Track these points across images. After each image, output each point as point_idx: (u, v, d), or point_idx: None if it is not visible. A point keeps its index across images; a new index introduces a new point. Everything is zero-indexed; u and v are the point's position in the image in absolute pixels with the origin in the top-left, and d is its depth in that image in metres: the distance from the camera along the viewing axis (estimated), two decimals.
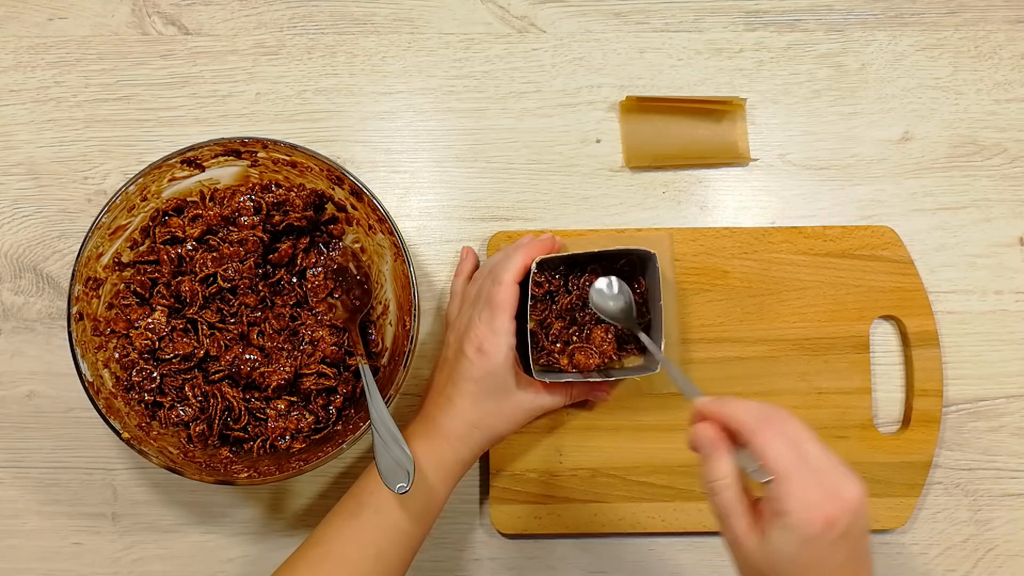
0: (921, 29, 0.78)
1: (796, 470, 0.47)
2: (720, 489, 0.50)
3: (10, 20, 0.77)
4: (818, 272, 0.73)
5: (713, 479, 0.51)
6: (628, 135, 0.76)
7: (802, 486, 0.47)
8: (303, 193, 0.68)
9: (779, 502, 0.47)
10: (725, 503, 0.50)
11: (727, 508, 0.50)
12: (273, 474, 0.62)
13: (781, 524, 0.47)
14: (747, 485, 0.51)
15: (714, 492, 0.51)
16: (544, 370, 0.68)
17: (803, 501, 0.47)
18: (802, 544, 0.46)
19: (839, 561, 0.47)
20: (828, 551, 0.47)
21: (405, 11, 0.78)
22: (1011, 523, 0.74)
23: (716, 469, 0.51)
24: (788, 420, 0.50)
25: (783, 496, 0.47)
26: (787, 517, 0.47)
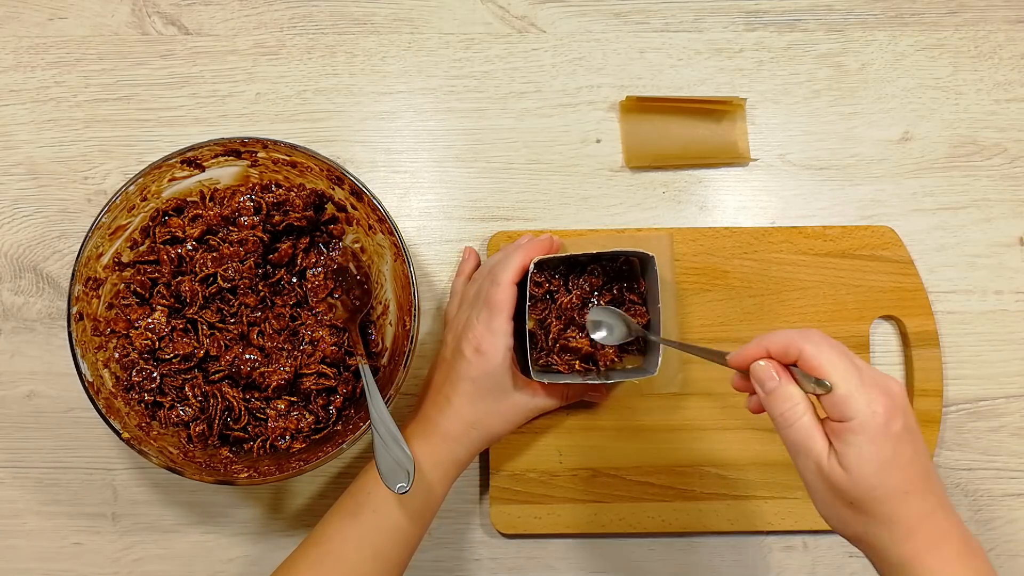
0: (921, 29, 0.78)
1: (851, 375, 0.49)
2: (798, 414, 0.50)
3: (10, 20, 0.77)
4: (818, 272, 0.73)
5: (787, 406, 0.50)
6: (628, 135, 0.76)
7: (860, 388, 0.48)
8: (303, 193, 0.68)
9: (844, 408, 0.48)
10: (804, 427, 0.50)
11: (806, 431, 0.50)
12: (273, 474, 0.62)
13: (850, 429, 0.48)
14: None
15: (790, 421, 0.50)
16: (542, 371, 0.68)
17: (864, 400, 0.48)
18: (873, 442, 0.48)
19: (909, 456, 0.49)
20: (897, 445, 0.48)
21: (405, 11, 0.78)
22: (1011, 523, 0.74)
23: (788, 395, 0.50)
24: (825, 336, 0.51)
25: (846, 401, 0.48)
26: (854, 420, 0.48)
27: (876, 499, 0.49)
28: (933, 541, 0.50)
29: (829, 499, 0.51)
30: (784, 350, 0.51)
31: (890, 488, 0.49)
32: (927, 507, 0.50)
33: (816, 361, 0.49)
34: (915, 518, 0.49)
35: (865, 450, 0.48)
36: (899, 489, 0.49)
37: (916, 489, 0.49)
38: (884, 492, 0.49)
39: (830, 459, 0.49)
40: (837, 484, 0.49)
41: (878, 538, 0.50)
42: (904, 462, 0.49)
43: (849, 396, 0.48)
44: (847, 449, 0.49)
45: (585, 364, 0.68)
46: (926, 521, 0.50)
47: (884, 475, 0.48)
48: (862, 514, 0.50)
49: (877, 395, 0.49)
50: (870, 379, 0.49)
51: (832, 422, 0.49)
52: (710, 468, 0.72)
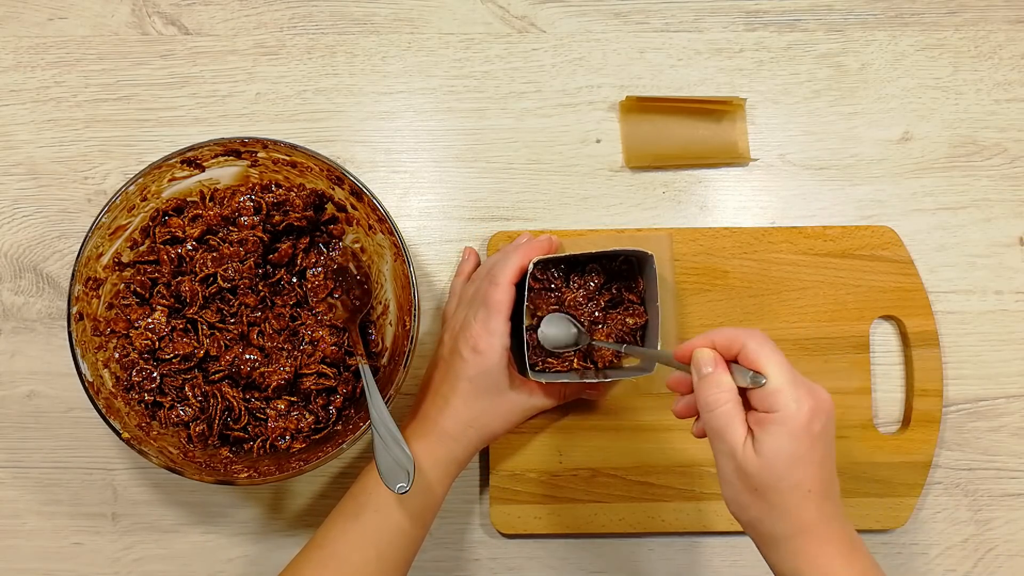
0: (921, 29, 0.78)
1: (785, 372, 0.52)
2: (723, 401, 0.53)
3: (10, 20, 0.77)
4: (818, 272, 0.73)
5: (716, 391, 0.53)
6: (628, 135, 0.76)
7: (791, 385, 0.51)
8: (303, 193, 0.68)
9: (772, 399, 0.51)
10: (727, 413, 0.52)
11: (727, 418, 0.52)
12: (273, 474, 0.62)
13: (772, 420, 0.51)
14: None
15: (715, 405, 0.53)
16: (539, 370, 0.68)
17: (792, 396, 0.51)
18: (792, 435, 0.51)
19: (820, 457, 0.52)
20: (813, 445, 0.51)
21: (405, 11, 0.78)
22: (1011, 523, 0.74)
23: (719, 381, 0.53)
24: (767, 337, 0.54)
25: (776, 394, 0.51)
26: (779, 413, 0.51)
27: (780, 489, 0.52)
28: (823, 540, 0.53)
29: (736, 483, 0.53)
30: (728, 344, 0.54)
31: (795, 481, 0.51)
32: (825, 509, 0.53)
33: (756, 355, 0.52)
34: (810, 515, 0.52)
35: (782, 441, 0.51)
36: (803, 485, 0.52)
37: (818, 490, 0.52)
38: (788, 484, 0.51)
39: (746, 445, 0.52)
40: (747, 469, 0.52)
41: (770, 525, 0.53)
42: (814, 462, 0.52)
43: (780, 390, 0.51)
44: (765, 437, 0.51)
45: (583, 363, 0.68)
46: (821, 522, 0.52)
47: (793, 468, 0.51)
48: (763, 501, 0.52)
49: (805, 395, 0.51)
50: (802, 381, 0.52)
51: (758, 412, 0.52)
52: (710, 468, 0.72)
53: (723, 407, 0.53)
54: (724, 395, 0.53)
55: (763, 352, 0.52)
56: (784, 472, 0.51)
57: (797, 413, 0.51)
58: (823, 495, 0.53)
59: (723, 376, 0.53)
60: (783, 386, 0.51)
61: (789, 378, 0.52)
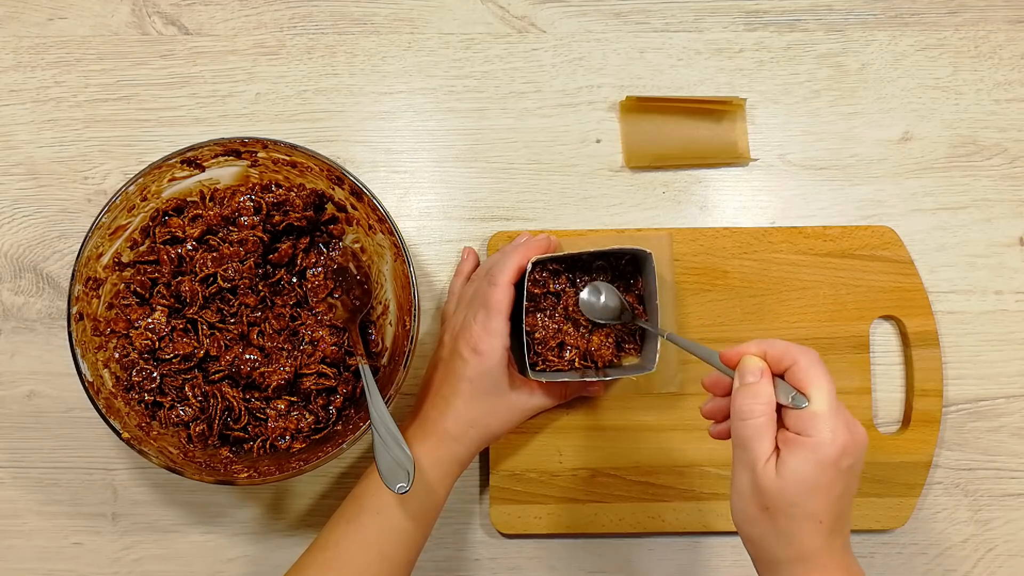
0: (921, 29, 0.78)
1: (830, 400, 0.50)
2: (759, 413, 0.51)
3: (10, 20, 0.77)
4: (818, 272, 0.73)
5: (754, 401, 0.52)
6: (628, 135, 0.76)
7: (832, 415, 0.50)
8: (303, 193, 0.68)
9: (809, 424, 0.50)
10: (759, 426, 0.51)
11: (758, 431, 0.51)
12: (273, 474, 0.62)
13: (804, 445, 0.50)
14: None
15: (750, 416, 0.52)
16: (540, 370, 0.68)
17: (830, 425, 0.50)
18: (818, 467, 0.50)
19: (839, 492, 0.51)
20: (835, 479, 0.50)
21: (405, 11, 0.78)
22: (1011, 523, 0.74)
23: (760, 392, 0.52)
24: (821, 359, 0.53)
25: (814, 418, 0.50)
26: (811, 439, 0.50)
27: (791, 515, 0.51)
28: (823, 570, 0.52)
29: (748, 496, 0.52)
30: (780, 357, 0.53)
31: (809, 510, 0.50)
32: (830, 543, 0.52)
33: (805, 375, 0.51)
34: (816, 547, 0.51)
35: (807, 467, 0.50)
36: (815, 515, 0.51)
37: (829, 523, 0.51)
38: (802, 511, 0.50)
39: (769, 462, 0.51)
40: (764, 486, 0.51)
41: (773, 548, 0.52)
42: (833, 496, 0.51)
43: (820, 416, 0.50)
44: (791, 459, 0.50)
45: (583, 362, 0.69)
46: (824, 553, 0.51)
47: (811, 497, 0.50)
48: (771, 521, 0.51)
49: (843, 428, 0.50)
50: (843, 413, 0.51)
51: (789, 433, 0.51)
52: (710, 468, 0.72)
53: (757, 419, 0.51)
54: (761, 407, 0.51)
55: (813, 374, 0.51)
56: (800, 498, 0.50)
57: (831, 444, 0.50)
58: (833, 529, 0.52)
59: (766, 388, 0.52)
60: (824, 413, 0.50)
61: (831, 407, 0.50)
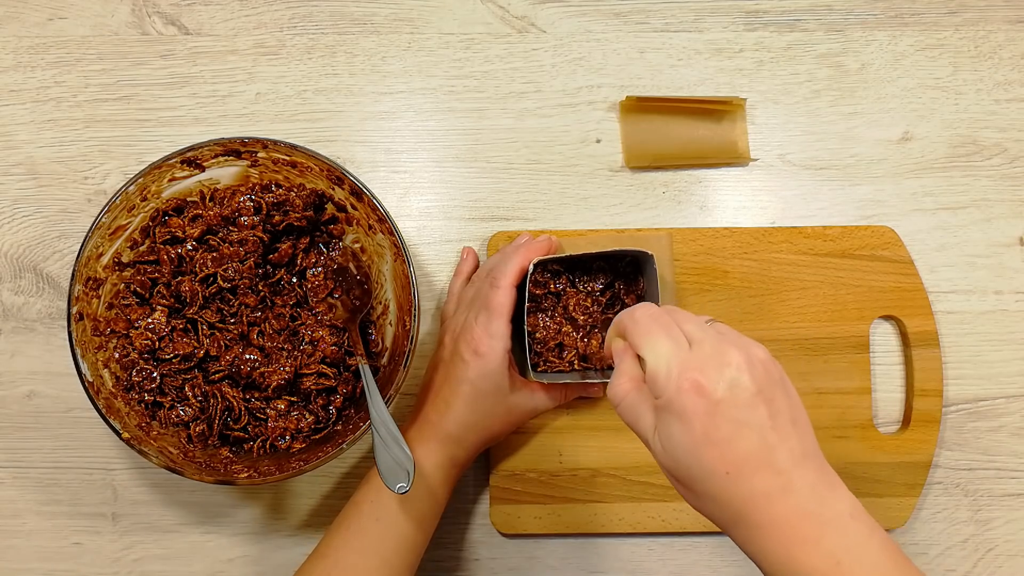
0: (921, 29, 0.78)
1: (666, 348, 0.45)
2: (622, 392, 0.48)
3: (10, 20, 0.77)
4: (818, 272, 0.73)
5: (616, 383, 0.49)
6: (628, 135, 0.76)
7: (671, 362, 0.45)
8: (303, 193, 0.68)
9: (652, 384, 0.45)
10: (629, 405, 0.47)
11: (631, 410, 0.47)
12: (273, 474, 0.62)
13: (662, 410, 0.45)
14: None
15: (618, 398, 0.48)
16: (541, 371, 0.68)
17: (672, 379, 0.45)
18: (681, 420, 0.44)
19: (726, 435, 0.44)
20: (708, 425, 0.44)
21: (405, 11, 0.78)
22: (1011, 523, 0.74)
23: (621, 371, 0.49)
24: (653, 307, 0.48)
25: (655, 382, 0.45)
26: (662, 399, 0.45)
27: (696, 478, 0.45)
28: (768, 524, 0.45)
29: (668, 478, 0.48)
30: (622, 330, 0.49)
31: (706, 469, 0.45)
32: (758, 489, 0.44)
33: (632, 338, 0.47)
34: (742, 500, 0.45)
35: (674, 428, 0.45)
36: (716, 470, 0.44)
37: (740, 470, 0.44)
38: (700, 472, 0.45)
39: (655, 437, 0.47)
40: (661, 464, 0.47)
41: (713, 515, 0.47)
42: (719, 441, 0.44)
43: (655, 373, 0.45)
44: (662, 427, 0.46)
45: (584, 363, 0.69)
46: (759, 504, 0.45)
47: (697, 455, 0.44)
48: (691, 492, 0.47)
49: (692, 369, 0.44)
50: (693, 353, 0.45)
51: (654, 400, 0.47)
52: None
53: (624, 399, 0.48)
54: (623, 386, 0.48)
55: (635, 333, 0.47)
56: (689, 461, 0.45)
57: (677, 394, 0.44)
58: (753, 472, 0.44)
59: (621, 365, 0.49)
60: (657, 369, 0.45)
61: (669, 353, 0.45)
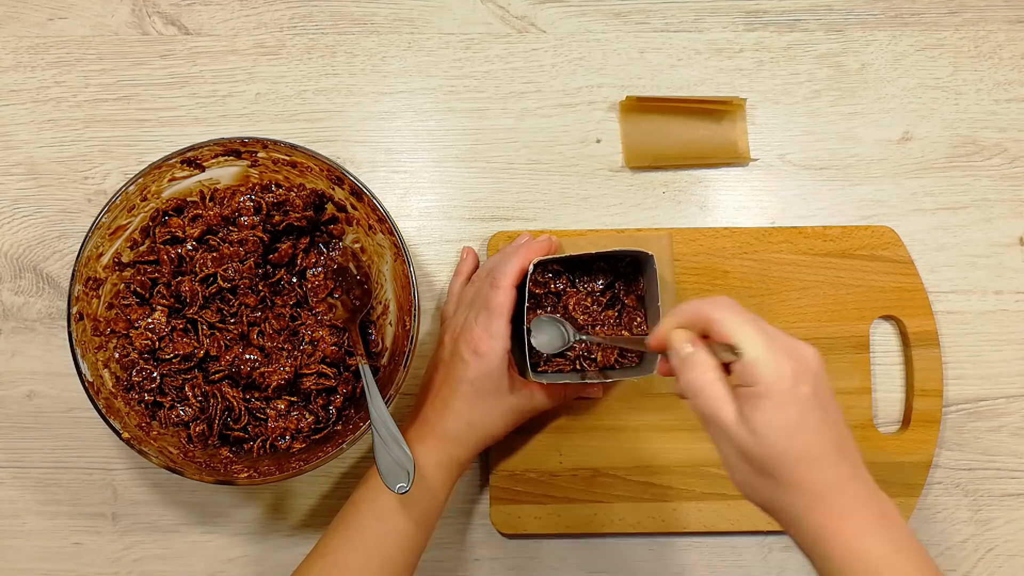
0: (921, 29, 0.78)
1: (759, 339, 0.48)
2: (707, 380, 0.49)
3: (10, 20, 0.77)
4: (818, 272, 0.73)
5: (696, 372, 0.50)
6: (628, 135, 0.76)
7: (767, 352, 0.48)
8: (303, 193, 0.68)
9: (751, 372, 0.48)
10: (713, 394, 0.49)
11: (714, 400, 0.49)
12: (273, 474, 0.62)
13: (756, 394, 0.48)
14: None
15: (701, 387, 0.50)
16: (540, 371, 0.68)
17: (771, 364, 0.48)
18: (780, 406, 0.47)
19: (817, 422, 0.48)
20: (804, 410, 0.48)
21: (405, 11, 0.78)
22: (1011, 523, 0.74)
23: (698, 362, 0.50)
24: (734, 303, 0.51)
25: (753, 365, 0.48)
26: (760, 384, 0.48)
27: (783, 464, 0.48)
28: (844, 508, 0.48)
29: (740, 465, 0.50)
30: (693, 321, 0.51)
31: (797, 453, 0.48)
32: (839, 475, 0.49)
33: (721, 327, 0.49)
34: (824, 484, 0.48)
35: (771, 414, 0.47)
36: (806, 455, 0.48)
37: (825, 456, 0.48)
38: (791, 457, 0.48)
39: (739, 425, 0.48)
40: (745, 449, 0.48)
41: (789, 504, 0.49)
42: (811, 427, 0.48)
43: (756, 360, 0.48)
44: (754, 414, 0.48)
45: (583, 363, 0.68)
46: (837, 488, 0.49)
47: (790, 440, 0.48)
48: (771, 479, 0.49)
49: (784, 360, 0.48)
50: (780, 345, 0.49)
51: (742, 388, 0.49)
52: (710, 468, 0.72)
53: (707, 389, 0.50)
54: (707, 376, 0.50)
55: (730, 323, 0.49)
56: (783, 446, 0.48)
57: (779, 381, 0.47)
58: (835, 459, 0.49)
59: (702, 355, 0.50)
60: (759, 357, 0.48)
61: (764, 344, 0.48)
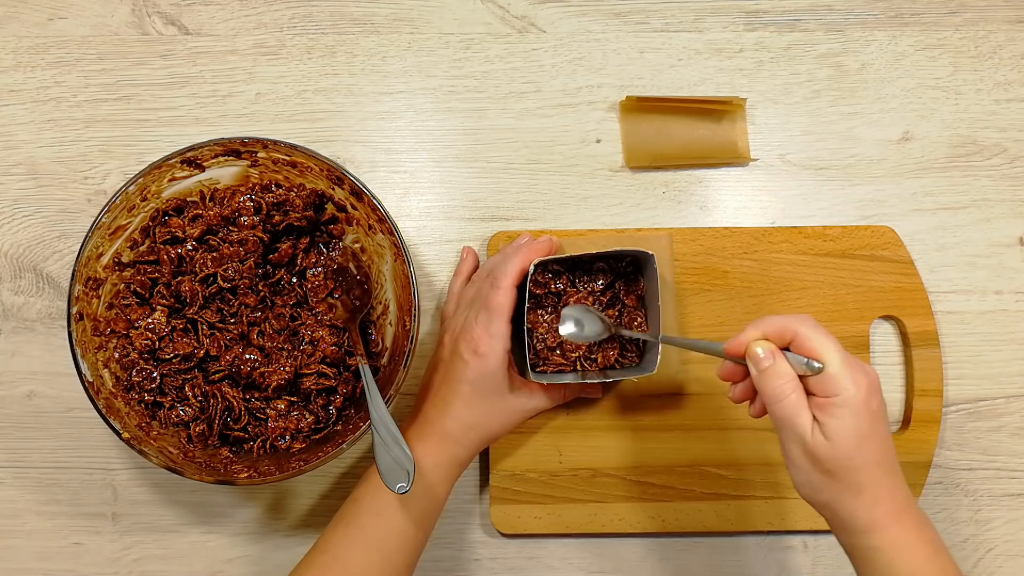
0: (921, 29, 0.78)
1: (839, 356, 0.53)
2: (789, 390, 0.54)
3: (10, 20, 0.77)
4: (818, 272, 0.73)
5: (780, 382, 0.54)
6: (628, 135, 0.76)
7: (846, 368, 0.53)
8: (303, 193, 0.68)
9: (833, 384, 0.53)
10: (793, 402, 0.54)
11: (794, 408, 0.53)
12: (273, 474, 0.62)
13: (835, 404, 0.53)
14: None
15: (782, 396, 0.54)
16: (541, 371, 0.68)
17: (850, 378, 0.53)
18: (856, 415, 0.53)
19: (883, 433, 0.55)
20: (874, 421, 0.53)
21: (405, 11, 0.78)
22: (1011, 523, 0.74)
23: (781, 372, 0.54)
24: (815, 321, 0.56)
25: (836, 379, 0.53)
26: (840, 396, 0.53)
27: (852, 468, 0.53)
28: (896, 511, 0.55)
29: (807, 467, 0.55)
30: (779, 333, 0.55)
31: (866, 458, 0.53)
32: (893, 481, 0.55)
33: (811, 343, 0.54)
34: (882, 488, 0.54)
35: (848, 422, 0.53)
36: (873, 460, 0.54)
37: (886, 463, 0.55)
38: (860, 461, 0.53)
39: (814, 431, 0.53)
40: (818, 453, 0.53)
41: (846, 504, 0.55)
42: (879, 437, 0.54)
43: (839, 375, 0.53)
44: (831, 421, 0.53)
45: (583, 363, 0.69)
46: (891, 492, 0.55)
47: (862, 446, 0.53)
48: (836, 481, 0.54)
49: (860, 375, 0.53)
50: (853, 362, 0.54)
51: (819, 398, 0.54)
52: (710, 468, 0.72)
53: (790, 396, 0.54)
54: (788, 385, 0.54)
55: (816, 338, 0.54)
56: (854, 451, 0.53)
57: (857, 394, 0.52)
58: (891, 468, 0.55)
59: (783, 366, 0.54)
60: (840, 370, 0.53)
61: (843, 360, 0.53)
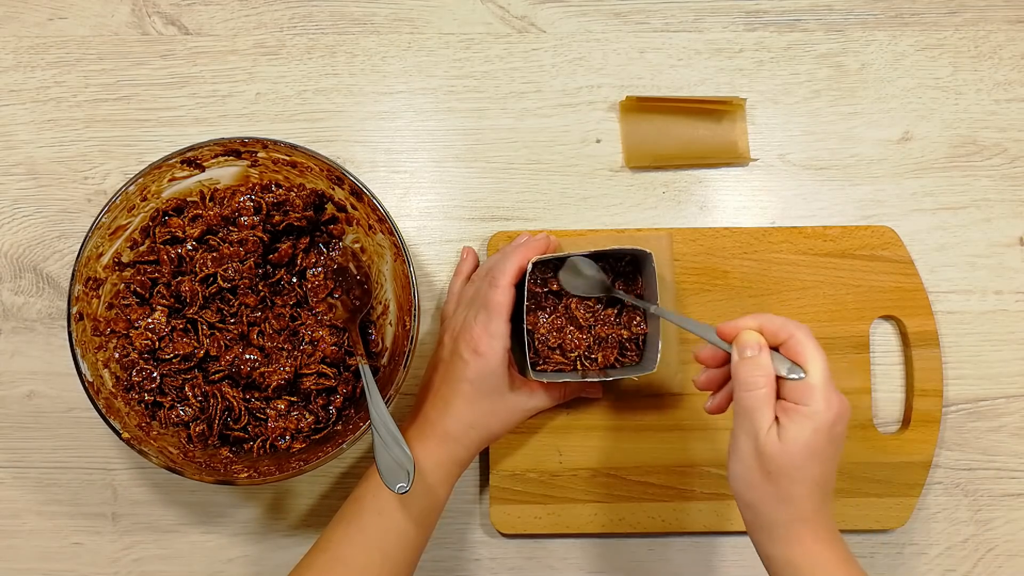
0: (921, 29, 0.78)
1: (824, 372, 0.54)
2: (761, 384, 0.54)
3: (10, 20, 0.77)
4: (818, 272, 0.73)
5: (757, 372, 0.55)
6: (628, 135, 0.76)
7: (826, 385, 0.54)
8: (303, 193, 0.68)
9: (807, 394, 0.54)
10: (762, 397, 0.54)
11: (761, 401, 0.54)
12: (273, 474, 0.62)
13: (803, 413, 0.54)
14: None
15: (753, 387, 0.55)
16: (540, 370, 0.68)
17: (825, 397, 0.54)
18: (815, 433, 0.53)
19: (831, 456, 0.55)
20: (828, 445, 0.54)
21: (405, 11, 0.78)
22: (1011, 523, 0.74)
23: (761, 364, 0.55)
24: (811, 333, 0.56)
25: (812, 390, 0.54)
26: (809, 408, 0.53)
27: (793, 478, 0.54)
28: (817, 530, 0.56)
29: (750, 462, 0.55)
30: (776, 331, 0.56)
31: (810, 473, 0.54)
32: (824, 506, 0.56)
33: (802, 349, 0.55)
34: (811, 506, 0.55)
35: (806, 434, 0.53)
36: (813, 479, 0.54)
37: (825, 487, 0.56)
38: (803, 475, 0.54)
39: (771, 430, 0.54)
40: (767, 452, 0.54)
41: (772, 508, 0.56)
42: (829, 461, 0.55)
43: (816, 387, 0.54)
44: (792, 426, 0.54)
45: (583, 363, 0.69)
46: (817, 514, 0.56)
47: (810, 460, 0.54)
48: (772, 484, 0.55)
49: (835, 398, 0.54)
50: (832, 384, 0.55)
51: (788, 403, 0.54)
52: (710, 468, 0.72)
53: (760, 390, 0.54)
54: (763, 378, 0.54)
55: (808, 347, 0.55)
56: (801, 463, 0.53)
57: (826, 412, 0.53)
58: (826, 491, 0.56)
59: (765, 360, 0.55)
60: (820, 385, 0.54)
61: (825, 378, 0.54)
